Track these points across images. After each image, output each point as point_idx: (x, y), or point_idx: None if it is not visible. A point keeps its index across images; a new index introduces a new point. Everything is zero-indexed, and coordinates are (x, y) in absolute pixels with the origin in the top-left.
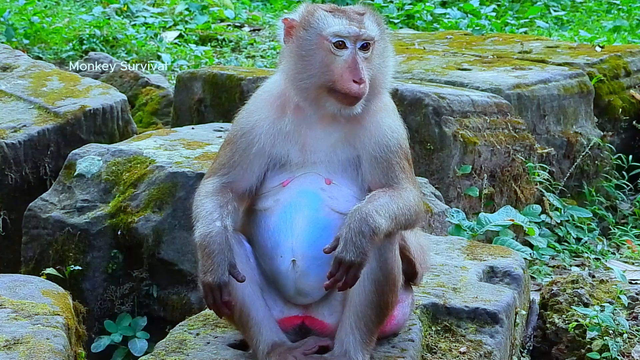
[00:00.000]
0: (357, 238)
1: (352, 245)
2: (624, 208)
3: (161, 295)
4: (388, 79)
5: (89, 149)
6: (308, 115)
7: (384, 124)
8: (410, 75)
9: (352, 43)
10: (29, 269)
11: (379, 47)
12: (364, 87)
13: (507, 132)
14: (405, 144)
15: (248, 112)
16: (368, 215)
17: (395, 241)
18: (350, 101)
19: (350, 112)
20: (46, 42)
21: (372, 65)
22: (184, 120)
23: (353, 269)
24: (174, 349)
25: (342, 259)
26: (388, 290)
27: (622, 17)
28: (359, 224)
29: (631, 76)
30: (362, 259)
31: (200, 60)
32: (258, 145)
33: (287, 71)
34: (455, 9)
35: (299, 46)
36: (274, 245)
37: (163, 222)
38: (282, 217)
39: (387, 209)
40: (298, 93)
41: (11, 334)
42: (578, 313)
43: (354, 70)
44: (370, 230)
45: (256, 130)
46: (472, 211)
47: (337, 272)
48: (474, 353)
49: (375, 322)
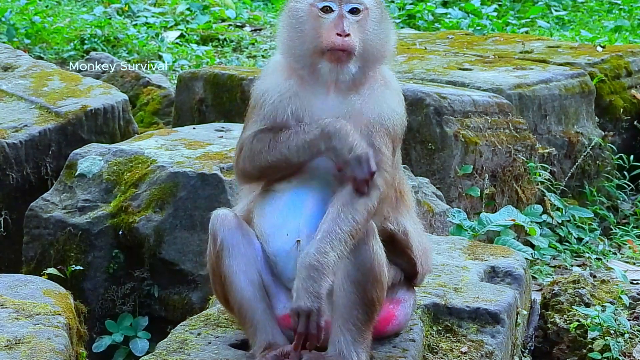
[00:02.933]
0: (308, 284)
1: (303, 292)
2: (625, 208)
3: (162, 295)
4: (387, 49)
5: (90, 149)
6: (310, 85)
7: (381, 98)
8: (412, 75)
9: (337, 5)
10: (30, 268)
11: (374, 15)
12: (349, 40)
13: (508, 132)
14: (397, 123)
15: (261, 80)
16: (313, 259)
17: (370, 238)
18: (338, 56)
19: (344, 75)
20: (47, 42)
21: (365, 30)
22: (185, 120)
23: (312, 316)
24: (175, 349)
25: (297, 308)
26: (371, 287)
27: (623, 17)
28: (307, 271)
29: (632, 76)
30: (318, 304)
31: (201, 60)
32: (276, 100)
33: (283, 41)
34: (457, 8)
35: (290, 16)
36: (282, 224)
37: (164, 222)
38: (292, 197)
39: (336, 234)
40: (294, 61)
41: (12, 334)
42: (579, 313)
43: (337, 25)
44: (319, 274)
45: (269, 93)
46: (473, 211)
47: (298, 325)
48: (475, 353)
49: (364, 320)
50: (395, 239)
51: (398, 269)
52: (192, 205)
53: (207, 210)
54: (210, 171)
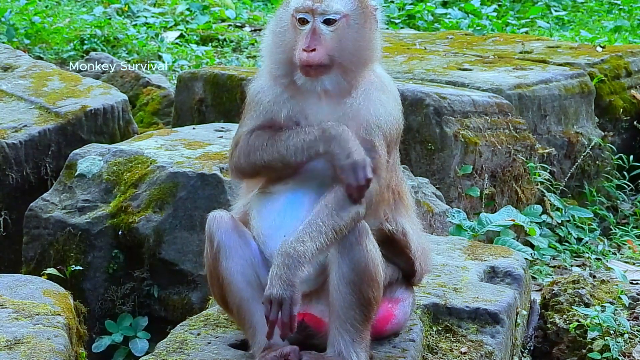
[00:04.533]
0: (282, 271)
1: (277, 279)
2: (625, 208)
3: (162, 295)
4: (371, 54)
5: (90, 149)
6: (301, 92)
7: (376, 100)
8: (411, 76)
9: (311, 17)
10: (30, 269)
11: (355, 21)
12: (314, 56)
13: (508, 132)
14: (393, 124)
15: (257, 79)
16: (289, 247)
17: (363, 238)
18: (306, 71)
19: (320, 86)
20: (47, 42)
21: (343, 39)
22: (184, 121)
23: (285, 305)
24: (174, 349)
25: (269, 295)
26: (366, 287)
27: (623, 17)
28: (282, 258)
29: (632, 76)
30: (290, 292)
31: (201, 60)
32: (270, 102)
33: (266, 47)
34: (456, 9)
35: (276, 24)
36: (279, 225)
37: (164, 222)
38: (289, 199)
39: (317, 226)
40: (275, 68)
41: (12, 334)
42: (579, 313)
43: (305, 39)
44: (294, 262)
45: (264, 92)
46: (473, 211)
47: (270, 312)
48: (474, 353)
49: (361, 320)
50: (393, 239)
51: (396, 268)
52: (191, 206)
53: (206, 211)
54: (210, 171)
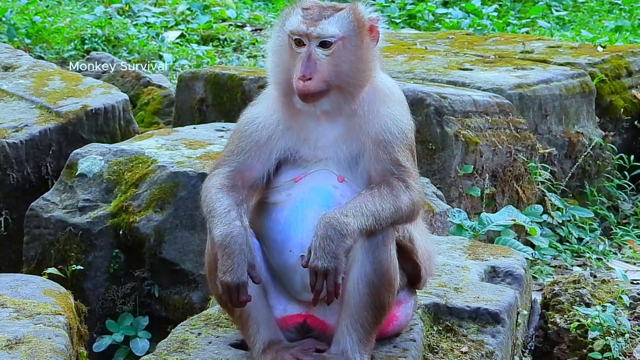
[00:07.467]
0: (325, 243)
1: (321, 251)
2: (626, 208)
3: (163, 295)
4: (370, 73)
5: (91, 149)
6: (300, 115)
7: (383, 113)
8: (412, 75)
9: (307, 40)
10: (31, 268)
11: (352, 43)
12: (310, 84)
13: (508, 132)
14: (407, 134)
15: (253, 105)
16: (332, 218)
17: (389, 241)
18: (303, 98)
19: (318, 109)
20: (48, 42)
21: (339, 62)
22: (185, 120)
23: (330, 275)
24: (175, 348)
25: (315, 267)
26: (384, 291)
27: (623, 17)
28: (325, 229)
29: (633, 76)
30: (335, 264)
31: (201, 60)
32: (262, 134)
33: (269, 67)
34: (457, 8)
35: (274, 42)
36: (284, 239)
37: (164, 221)
38: (293, 212)
39: (360, 207)
40: (276, 88)
41: (13, 334)
42: (580, 313)
43: (299, 68)
44: (337, 233)
45: (258, 120)
46: (474, 211)
47: (316, 283)
48: (475, 353)
49: (372, 322)
50: (400, 246)
51: (404, 274)
52: (192, 205)
53: None
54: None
